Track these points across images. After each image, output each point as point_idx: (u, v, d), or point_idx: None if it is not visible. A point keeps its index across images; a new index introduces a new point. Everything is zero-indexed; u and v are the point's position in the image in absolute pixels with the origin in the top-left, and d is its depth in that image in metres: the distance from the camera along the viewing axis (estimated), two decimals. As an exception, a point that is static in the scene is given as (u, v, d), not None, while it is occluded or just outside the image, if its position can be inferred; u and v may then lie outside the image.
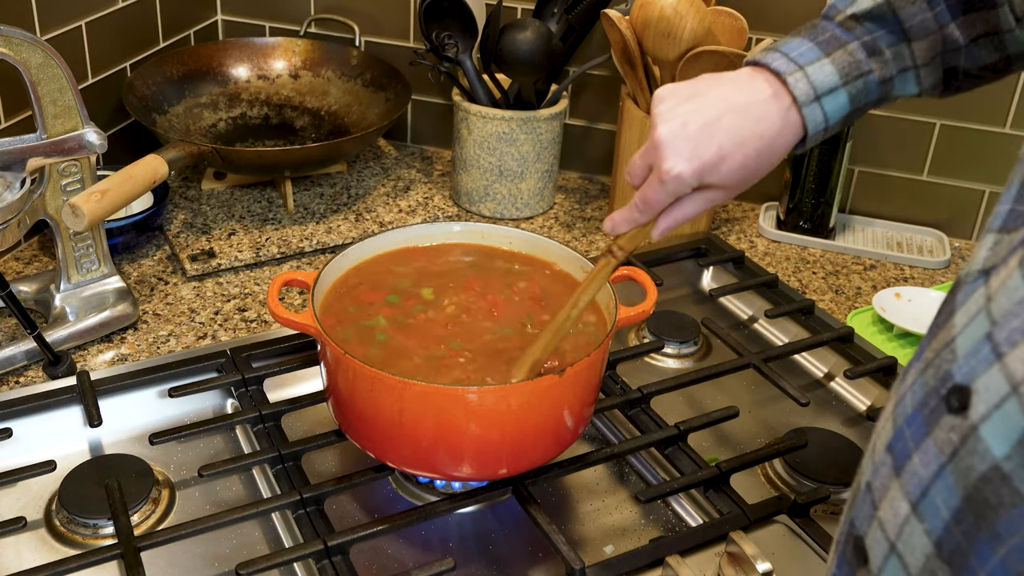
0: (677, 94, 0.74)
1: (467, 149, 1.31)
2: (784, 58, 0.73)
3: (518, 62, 1.25)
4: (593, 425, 0.98)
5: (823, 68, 0.73)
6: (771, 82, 0.73)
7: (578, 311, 0.80)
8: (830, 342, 1.07)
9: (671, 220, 0.76)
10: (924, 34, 0.74)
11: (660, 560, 0.80)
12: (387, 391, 0.77)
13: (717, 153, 0.72)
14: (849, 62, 0.73)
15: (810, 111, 0.73)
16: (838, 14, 0.75)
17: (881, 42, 0.74)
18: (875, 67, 0.74)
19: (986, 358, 0.41)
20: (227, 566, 0.80)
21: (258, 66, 1.44)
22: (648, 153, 0.74)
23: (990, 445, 0.40)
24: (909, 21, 0.74)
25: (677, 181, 0.72)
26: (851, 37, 0.74)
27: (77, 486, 0.85)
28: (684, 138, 0.72)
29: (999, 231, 0.46)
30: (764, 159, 0.73)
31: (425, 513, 0.83)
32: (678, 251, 1.24)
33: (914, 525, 0.44)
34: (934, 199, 1.35)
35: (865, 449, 0.52)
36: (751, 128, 0.72)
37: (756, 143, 0.72)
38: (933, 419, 0.44)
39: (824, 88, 0.73)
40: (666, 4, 1.13)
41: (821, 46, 0.74)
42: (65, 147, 0.99)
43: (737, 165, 0.72)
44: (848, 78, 0.73)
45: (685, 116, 0.72)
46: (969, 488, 0.41)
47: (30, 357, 1.00)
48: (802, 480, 0.90)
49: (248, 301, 1.14)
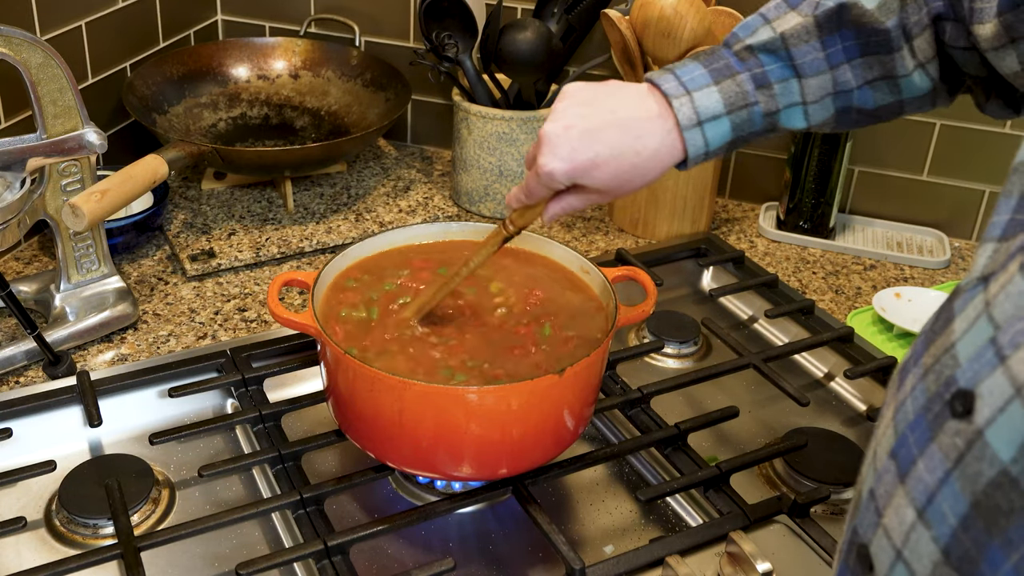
0: (576, 96, 0.78)
1: (467, 149, 1.31)
2: (675, 81, 0.76)
3: (518, 62, 1.25)
4: (593, 425, 0.98)
5: (710, 95, 0.76)
6: (660, 102, 0.76)
7: (468, 270, 0.84)
8: (830, 342, 1.07)
9: (558, 208, 0.80)
10: (814, 72, 0.77)
11: (660, 560, 0.80)
12: (387, 391, 0.77)
13: (592, 160, 0.75)
14: (736, 92, 0.76)
15: (691, 135, 0.76)
16: (736, 43, 0.78)
17: (771, 76, 0.77)
18: (761, 99, 0.77)
19: (989, 362, 0.41)
20: (227, 566, 0.80)
21: (258, 66, 1.44)
22: (536, 145, 0.78)
23: (996, 450, 0.40)
24: (801, 58, 0.76)
25: (549, 177, 0.76)
26: (742, 68, 0.77)
27: (77, 486, 0.85)
28: (565, 139, 0.75)
29: (998, 240, 0.46)
30: (639, 173, 0.77)
31: (425, 513, 0.83)
32: (678, 251, 1.24)
33: (921, 532, 0.44)
34: (934, 199, 1.35)
35: (864, 451, 0.51)
36: (630, 143, 0.75)
37: (632, 157, 0.76)
38: (937, 424, 0.44)
39: (707, 115, 0.76)
40: (666, 4, 1.13)
41: (712, 73, 0.76)
42: (65, 147, 0.99)
43: (610, 174, 0.76)
44: (733, 107, 0.76)
45: (572, 119, 0.76)
46: (977, 494, 0.41)
47: (30, 357, 1.00)
48: (802, 480, 0.90)
49: (248, 301, 1.14)
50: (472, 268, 0.84)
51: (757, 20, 0.78)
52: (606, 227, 1.33)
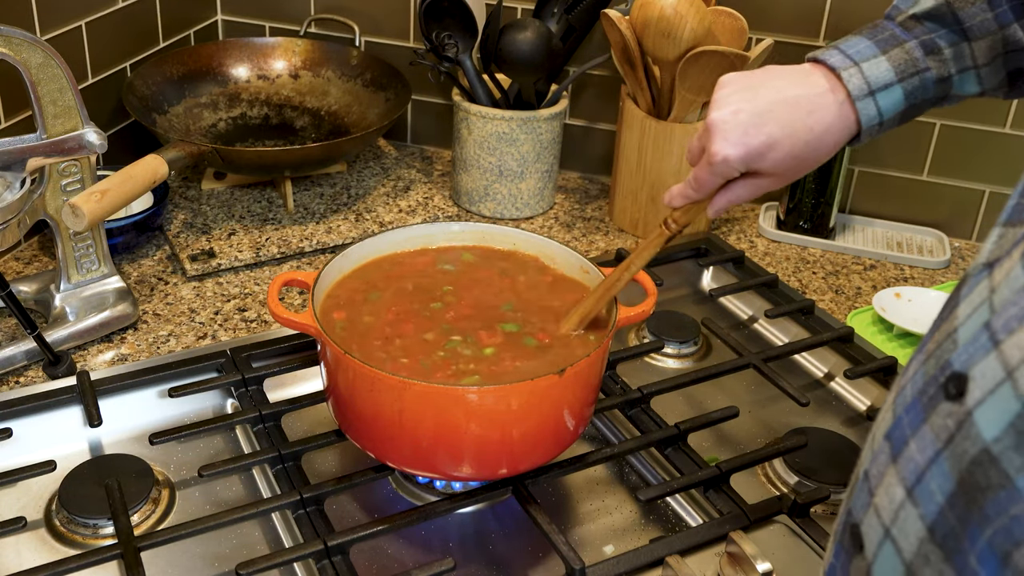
0: (736, 82, 0.77)
1: (467, 149, 1.31)
2: (841, 55, 0.76)
3: (518, 62, 1.25)
4: (593, 425, 0.98)
5: (879, 65, 0.75)
6: (827, 77, 0.76)
7: (630, 274, 0.84)
8: (830, 342, 1.07)
9: (724, 201, 0.79)
10: (984, 34, 0.76)
11: (660, 560, 0.80)
12: (387, 391, 0.77)
13: (765, 142, 0.74)
14: (905, 60, 0.75)
15: (864, 105, 0.75)
16: (899, 14, 0.77)
17: (940, 41, 0.76)
18: (933, 65, 0.76)
19: (984, 346, 0.42)
20: (227, 566, 0.80)
21: (258, 66, 1.44)
22: (703, 135, 0.77)
23: (981, 428, 0.41)
24: (969, 21, 0.76)
25: (724, 164, 0.75)
26: (910, 36, 0.76)
27: (77, 486, 0.85)
28: (735, 124, 0.75)
29: (1004, 225, 0.47)
30: (812, 150, 0.76)
31: (425, 513, 0.83)
32: (678, 251, 1.24)
33: (909, 510, 0.44)
34: (934, 199, 1.35)
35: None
36: (802, 120, 0.75)
37: (806, 134, 0.75)
38: (931, 406, 0.44)
39: (879, 84, 0.75)
40: (666, 4, 1.13)
41: (879, 44, 0.76)
42: (65, 147, 0.99)
43: (785, 154, 0.75)
44: (904, 75, 0.75)
45: (739, 104, 0.75)
46: (962, 472, 0.41)
47: (30, 357, 1.00)
48: (802, 480, 0.90)
49: (248, 301, 1.14)
50: (634, 271, 0.84)
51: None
52: (606, 227, 1.33)
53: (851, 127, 0.76)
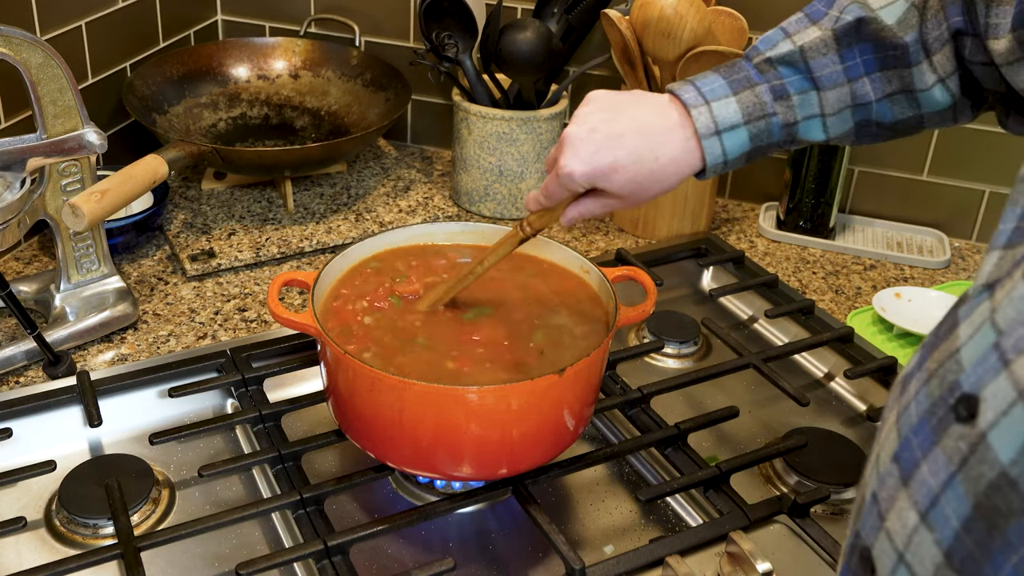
0: (599, 101, 0.80)
1: (467, 149, 1.31)
2: (695, 92, 0.78)
3: (518, 62, 1.25)
4: (593, 425, 0.98)
5: (728, 106, 0.77)
6: (680, 112, 0.78)
7: (482, 268, 0.85)
8: (830, 342, 1.07)
9: (575, 212, 0.81)
10: (833, 84, 0.78)
11: (660, 560, 0.80)
12: (387, 391, 0.77)
13: (611, 164, 0.76)
14: (754, 103, 0.77)
15: (709, 144, 0.77)
16: (756, 56, 0.79)
17: (790, 88, 0.78)
18: (780, 111, 0.78)
19: (993, 366, 0.42)
20: (227, 566, 0.80)
21: (258, 66, 1.44)
22: (558, 146, 0.79)
23: (997, 451, 0.40)
24: (819, 71, 0.77)
25: (569, 179, 0.77)
26: (762, 80, 0.78)
27: (77, 486, 0.85)
28: (587, 142, 0.77)
29: (1004, 248, 0.47)
30: (656, 179, 0.78)
31: (425, 513, 0.83)
32: (678, 251, 1.24)
33: (923, 535, 0.44)
34: (934, 199, 1.35)
35: (866, 451, 0.52)
36: (650, 149, 0.77)
37: (651, 163, 0.77)
38: (941, 428, 0.44)
39: (726, 124, 0.77)
40: (666, 4, 1.13)
41: (732, 85, 0.78)
42: (65, 147, 0.99)
43: (627, 179, 0.77)
44: (751, 118, 0.77)
45: (596, 124, 0.78)
46: (979, 496, 0.41)
47: (30, 357, 1.00)
48: (802, 480, 0.90)
49: (248, 301, 1.14)
50: (486, 268, 0.85)
51: (778, 34, 0.79)
52: (606, 227, 1.33)
53: (695, 163, 0.78)
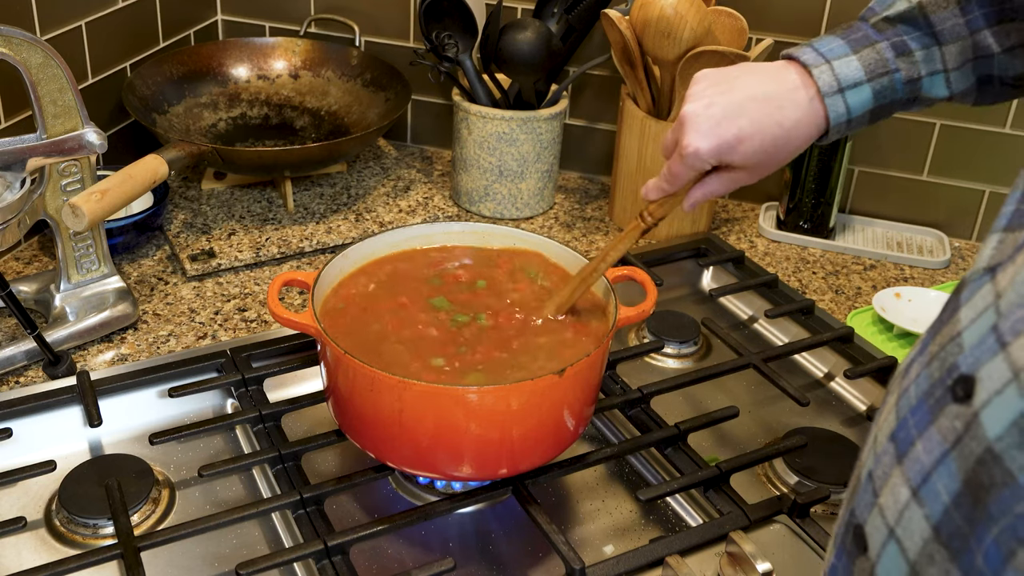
0: (710, 77, 0.79)
1: (467, 149, 1.31)
2: (813, 52, 0.77)
3: (518, 62, 1.25)
4: (593, 425, 0.98)
5: (849, 63, 0.77)
6: (799, 73, 0.77)
7: (606, 265, 0.85)
8: (830, 342, 1.07)
9: (699, 194, 0.80)
10: (955, 38, 0.77)
11: (660, 560, 0.80)
12: (387, 391, 0.77)
13: (736, 135, 0.76)
14: (876, 59, 0.77)
15: (832, 102, 0.77)
16: (872, 16, 0.79)
17: (911, 43, 0.77)
18: (902, 67, 0.77)
19: (991, 348, 0.42)
20: (227, 566, 0.80)
21: (258, 66, 1.44)
22: (676, 128, 0.78)
23: (987, 428, 0.41)
24: (940, 24, 0.77)
25: (695, 156, 0.77)
26: (881, 37, 0.77)
27: (77, 486, 0.86)
28: (707, 117, 0.76)
29: (1004, 230, 0.47)
30: (782, 145, 0.77)
31: (425, 513, 0.83)
32: (678, 251, 1.24)
33: (914, 510, 0.45)
34: (934, 199, 1.35)
35: (864, 444, 0.52)
36: (773, 114, 0.76)
37: (775, 129, 0.76)
38: (938, 408, 0.45)
39: (848, 82, 0.76)
40: (666, 4, 1.13)
41: (851, 44, 0.77)
42: (65, 147, 0.99)
43: (755, 148, 0.76)
44: (873, 74, 0.77)
45: (712, 97, 0.77)
46: (968, 472, 0.42)
47: (30, 357, 1.00)
48: (802, 480, 0.90)
49: (248, 301, 1.14)
50: (610, 262, 0.85)
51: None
52: (606, 227, 1.33)
53: (820, 123, 0.78)
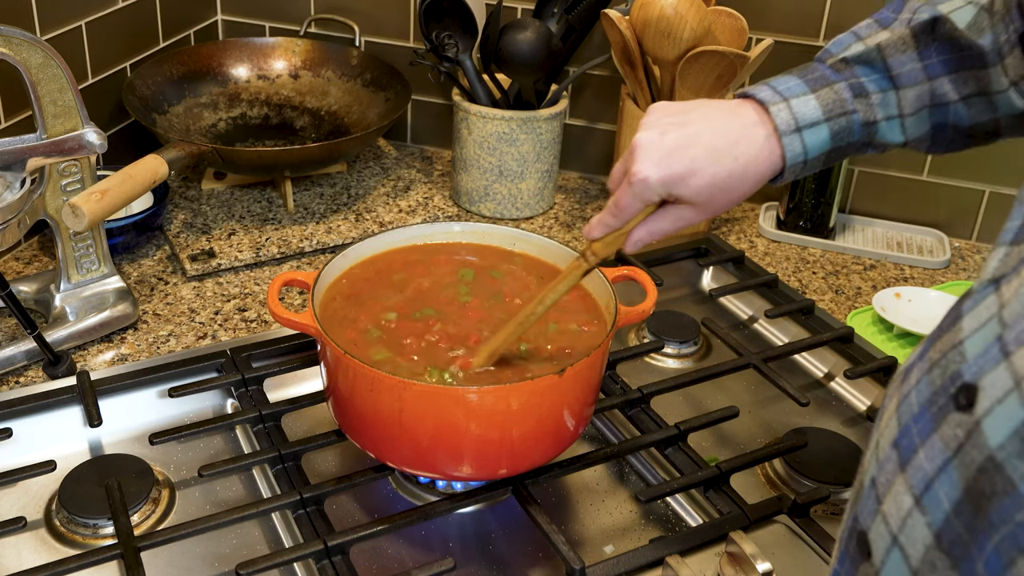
0: (667, 108, 0.77)
1: (467, 149, 1.31)
2: (771, 90, 0.76)
3: (518, 62, 1.25)
4: (593, 425, 0.98)
5: (807, 102, 0.75)
6: (757, 111, 0.75)
7: (543, 308, 0.80)
8: (830, 342, 1.07)
9: (644, 232, 0.77)
10: (912, 83, 0.76)
11: (660, 560, 0.80)
12: (387, 391, 0.77)
13: (688, 167, 0.73)
14: (834, 100, 0.75)
15: (789, 141, 0.75)
16: (830, 57, 0.78)
17: (869, 85, 0.76)
18: (860, 108, 0.76)
19: (994, 357, 0.43)
20: (227, 566, 0.80)
21: (258, 66, 1.44)
22: (626, 158, 0.76)
23: (988, 437, 0.41)
24: (898, 68, 0.76)
25: (643, 185, 0.74)
26: (840, 78, 0.76)
27: (77, 486, 0.85)
28: (659, 146, 0.74)
29: (1010, 244, 0.48)
30: (736, 182, 0.75)
31: (425, 513, 0.83)
32: (678, 251, 1.24)
33: (916, 518, 0.45)
34: (934, 199, 1.35)
35: (865, 449, 0.52)
36: (727, 149, 0.74)
37: (729, 164, 0.74)
38: (940, 416, 0.45)
39: (806, 121, 0.75)
40: (666, 4, 1.13)
41: (808, 83, 0.76)
42: (65, 147, 0.99)
43: (706, 182, 0.74)
44: (831, 114, 0.75)
45: (666, 127, 0.74)
46: (969, 480, 0.42)
47: (30, 357, 1.00)
48: (802, 480, 0.90)
49: (248, 301, 1.14)
50: (547, 305, 0.80)
51: (849, 37, 0.78)
52: (606, 227, 1.33)
53: (776, 162, 0.75)
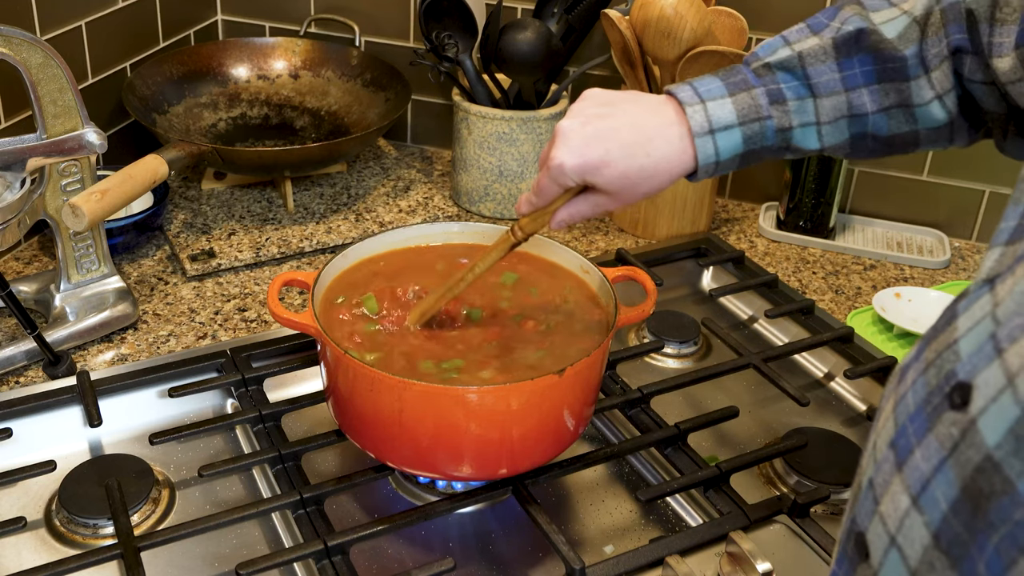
0: (595, 97, 0.79)
1: (467, 149, 1.31)
2: (691, 91, 0.78)
3: (518, 62, 1.25)
4: (593, 425, 0.98)
5: (723, 106, 0.77)
6: (676, 110, 0.77)
7: (473, 275, 0.84)
8: (830, 342, 1.07)
9: (564, 215, 0.80)
10: (829, 92, 0.77)
11: (660, 560, 0.80)
12: (387, 391, 0.77)
13: (602, 157, 0.76)
14: (749, 105, 0.77)
15: (702, 142, 0.77)
16: (755, 61, 0.79)
17: (787, 92, 0.78)
18: (775, 114, 0.77)
19: (988, 355, 0.43)
20: (227, 566, 0.80)
21: (258, 66, 1.44)
22: (551, 141, 0.79)
23: (985, 436, 0.41)
24: (816, 78, 0.77)
25: (559, 171, 0.77)
26: (759, 83, 0.78)
27: (77, 486, 0.86)
28: (579, 135, 0.76)
29: (1005, 244, 0.48)
30: (647, 176, 0.77)
31: (425, 513, 0.83)
32: (678, 251, 1.24)
33: (914, 518, 0.45)
34: (934, 199, 1.35)
35: (864, 449, 0.53)
36: (642, 145, 0.76)
37: (642, 159, 0.76)
38: (935, 415, 0.45)
39: (720, 124, 0.77)
40: (666, 4, 1.13)
41: (729, 87, 0.78)
42: (65, 147, 0.99)
43: (618, 174, 0.76)
44: (745, 119, 0.77)
45: (589, 117, 0.77)
46: (966, 479, 0.42)
47: (30, 357, 1.00)
48: (802, 480, 0.90)
49: (248, 301, 1.14)
50: (477, 273, 0.84)
51: (778, 41, 0.79)
52: (606, 227, 1.33)
53: (688, 162, 0.77)
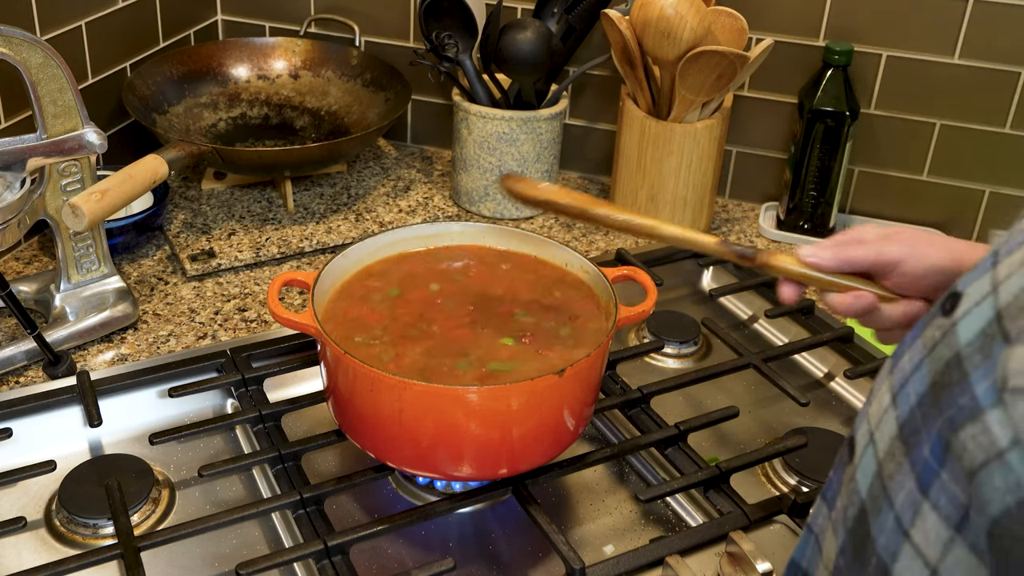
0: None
1: (467, 149, 1.31)
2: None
3: (518, 62, 1.25)
4: (593, 425, 0.98)
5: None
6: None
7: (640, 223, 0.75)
8: (830, 342, 1.07)
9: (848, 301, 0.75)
10: None
11: (660, 560, 0.80)
12: (387, 391, 0.77)
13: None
14: None
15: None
16: None
17: None
18: None
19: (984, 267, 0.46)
20: (227, 566, 0.80)
21: (258, 66, 1.44)
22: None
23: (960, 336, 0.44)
24: None
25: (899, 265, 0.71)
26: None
27: (77, 486, 0.86)
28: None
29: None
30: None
31: (425, 513, 0.83)
32: (678, 251, 1.24)
33: (890, 413, 0.48)
34: (934, 199, 1.35)
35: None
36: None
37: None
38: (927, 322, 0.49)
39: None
40: (666, 4, 1.13)
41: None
42: (65, 147, 0.99)
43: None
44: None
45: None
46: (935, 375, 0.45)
47: (30, 357, 1.00)
48: (802, 480, 0.90)
49: (248, 301, 1.14)
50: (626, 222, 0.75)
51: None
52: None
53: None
